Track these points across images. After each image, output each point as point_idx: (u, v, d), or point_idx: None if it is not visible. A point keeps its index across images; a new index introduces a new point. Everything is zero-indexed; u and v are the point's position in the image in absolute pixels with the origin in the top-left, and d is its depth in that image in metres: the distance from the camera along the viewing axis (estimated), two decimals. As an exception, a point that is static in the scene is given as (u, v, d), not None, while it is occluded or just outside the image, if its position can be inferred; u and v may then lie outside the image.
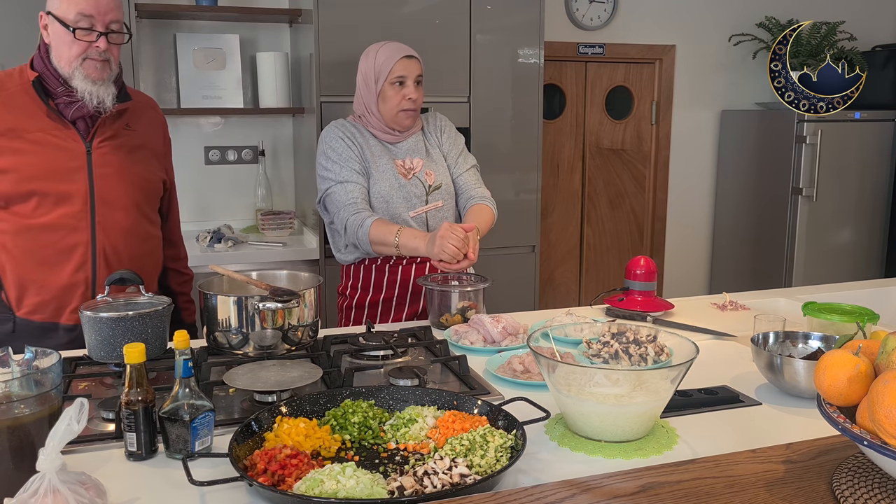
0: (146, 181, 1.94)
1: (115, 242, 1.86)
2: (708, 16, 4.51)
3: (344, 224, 2.07)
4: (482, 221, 2.12)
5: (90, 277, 1.84)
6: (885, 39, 4.82)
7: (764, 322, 1.70)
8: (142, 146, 1.95)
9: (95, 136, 1.84)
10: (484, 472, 1.09)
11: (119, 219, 1.87)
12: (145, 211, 1.95)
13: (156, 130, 2.03)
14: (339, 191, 2.09)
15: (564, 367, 1.26)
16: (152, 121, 2.03)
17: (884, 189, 4.50)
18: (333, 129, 2.19)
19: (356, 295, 2.19)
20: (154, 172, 1.98)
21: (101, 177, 1.83)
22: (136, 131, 1.94)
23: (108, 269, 1.85)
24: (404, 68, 2.11)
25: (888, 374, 0.92)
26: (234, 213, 3.65)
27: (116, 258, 1.87)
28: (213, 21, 3.46)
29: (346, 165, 2.11)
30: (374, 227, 2.01)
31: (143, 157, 1.94)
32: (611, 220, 4.63)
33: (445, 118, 2.33)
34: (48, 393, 1.10)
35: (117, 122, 1.88)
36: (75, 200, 1.81)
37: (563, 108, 4.38)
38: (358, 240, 2.05)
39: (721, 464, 1.10)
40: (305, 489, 1.01)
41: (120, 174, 1.86)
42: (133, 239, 1.90)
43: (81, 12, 1.74)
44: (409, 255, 2.05)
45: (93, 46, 1.76)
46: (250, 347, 1.57)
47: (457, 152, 2.27)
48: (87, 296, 1.85)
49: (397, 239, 1.99)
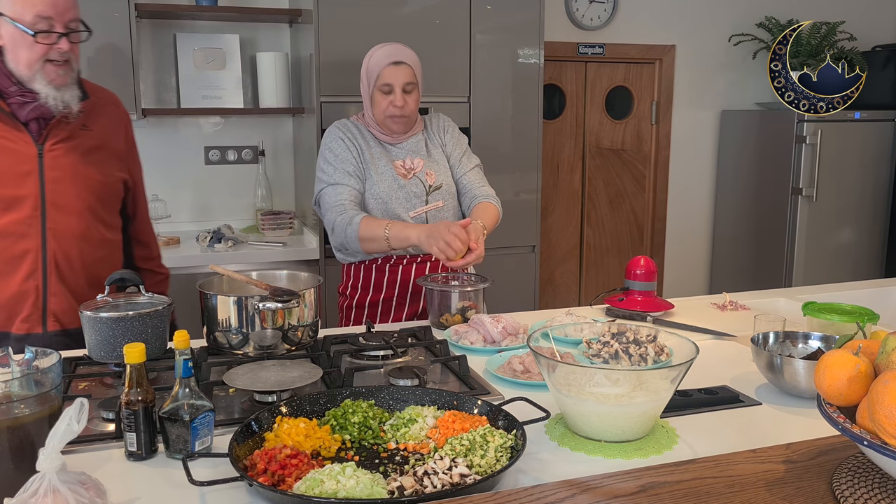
0: (102, 184, 1.87)
1: (68, 249, 1.79)
2: (708, 16, 4.51)
3: (332, 225, 2.07)
4: (487, 219, 2.11)
5: (41, 286, 1.78)
6: (885, 39, 4.82)
7: (764, 322, 1.70)
8: (99, 147, 1.87)
9: (48, 139, 1.77)
10: (484, 472, 1.09)
11: (71, 224, 1.80)
12: (101, 215, 1.88)
13: (116, 129, 1.95)
14: (330, 192, 2.10)
15: (564, 367, 1.26)
16: (113, 119, 1.94)
17: (884, 189, 4.50)
18: (334, 129, 2.18)
19: (356, 295, 2.19)
20: (112, 174, 1.91)
21: (52, 181, 1.77)
22: (93, 131, 1.86)
23: (60, 276, 1.79)
24: (391, 75, 2.07)
25: (888, 374, 0.92)
26: (234, 213, 3.65)
27: (69, 265, 1.80)
28: (213, 21, 3.46)
29: (340, 168, 2.11)
30: (364, 223, 2.01)
31: (100, 158, 1.87)
32: (611, 220, 4.63)
33: (448, 118, 2.32)
34: (48, 393, 1.10)
35: (73, 122, 1.81)
36: (24, 206, 1.74)
37: (563, 108, 4.38)
38: (347, 238, 2.04)
39: (721, 464, 1.10)
40: (305, 489, 1.01)
41: (73, 178, 1.79)
42: (87, 245, 1.83)
43: (39, 14, 1.67)
44: (400, 245, 2.01)
45: (54, 48, 1.70)
46: (250, 347, 1.57)
47: (460, 152, 2.27)
48: (37, 305, 1.79)
49: (387, 231, 1.97)
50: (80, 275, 1.84)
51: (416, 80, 2.11)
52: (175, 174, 3.53)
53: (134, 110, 3.07)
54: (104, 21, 2.99)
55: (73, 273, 1.81)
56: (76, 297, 1.83)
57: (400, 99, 2.08)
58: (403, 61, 2.08)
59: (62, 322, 1.84)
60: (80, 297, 1.83)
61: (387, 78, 2.07)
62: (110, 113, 1.94)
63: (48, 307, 1.82)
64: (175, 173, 3.53)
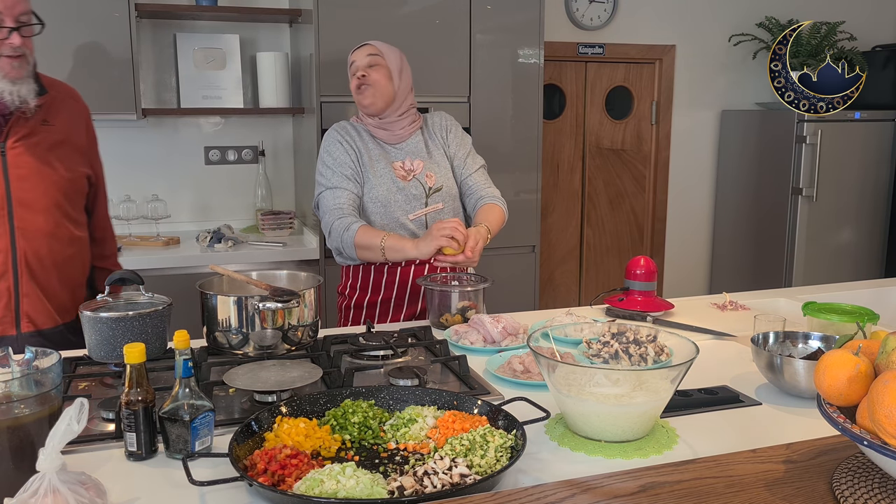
0: (67, 181, 1.84)
1: (38, 248, 1.77)
2: (708, 16, 4.51)
3: (329, 228, 2.08)
4: (492, 221, 2.11)
5: (12, 287, 1.75)
6: (885, 39, 4.82)
7: (764, 322, 1.70)
8: (62, 142, 1.84)
9: (9, 136, 1.74)
10: (484, 472, 1.09)
11: (39, 222, 1.77)
12: (68, 212, 1.84)
13: (77, 123, 1.91)
14: (329, 196, 2.11)
15: (564, 367, 1.26)
16: (73, 113, 1.90)
17: (884, 189, 4.50)
18: (333, 132, 2.19)
19: (356, 295, 2.19)
20: (76, 170, 1.87)
21: (17, 178, 1.74)
22: (55, 126, 1.83)
23: (32, 276, 1.76)
24: (355, 57, 2.14)
25: (888, 374, 0.92)
26: (234, 213, 3.65)
27: (40, 264, 1.77)
28: (213, 21, 3.46)
29: (339, 171, 2.12)
30: (361, 231, 2.02)
31: (64, 153, 1.83)
32: (611, 220, 4.63)
33: (450, 117, 2.31)
34: (48, 393, 1.10)
35: (33, 118, 1.77)
36: None
37: (563, 108, 4.38)
38: (343, 243, 2.04)
39: (721, 464, 1.10)
40: (305, 489, 1.01)
41: (38, 175, 1.76)
42: (56, 243, 1.80)
43: None
44: (396, 257, 2.03)
45: (5, 44, 1.67)
46: (250, 347, 1.57)
47: (464, 153, 2.25)
48: (10, 307, 1.76)
49: (384, 243, 1.99)
50: (51, 274, 1.81)
51: (381, 57, 2.13)
52: (175, 174, 3.53)
53: (134, 110, 3.07)
54: (104, 21, 2.99)
55: (44, 272, 1.78)
56: (48, 296, 1.81)
57: (363, 70, 2.11)
58: (368, 42, 2.16)
59: (35, 323, 1.81)
60: (53, 297, 1.81)
61: (352, 59, 2.15)
62: (70, 107, 1.90)
63: (21, 308, 1.80)
64: (175, 173, 3.53)
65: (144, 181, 3.46)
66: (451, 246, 1.91)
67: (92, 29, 2.99)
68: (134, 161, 3.45)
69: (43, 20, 1.77)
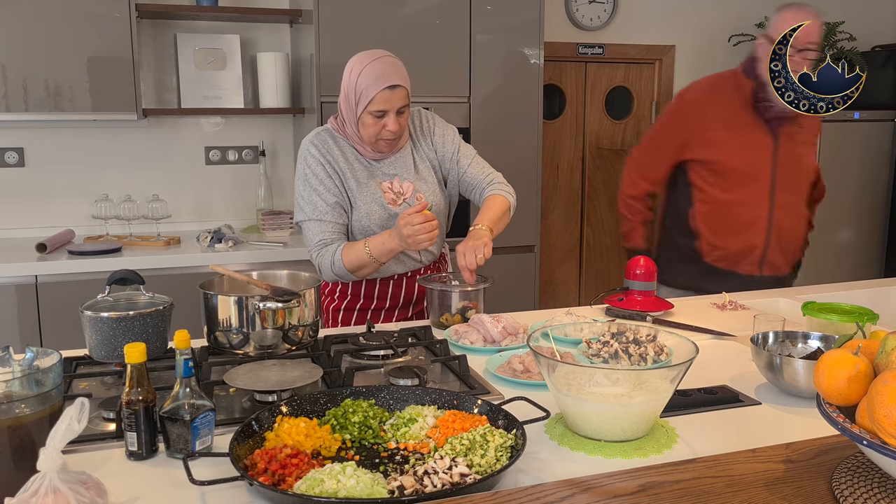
0: None
1: None
2: (708, 16, 4.51)
3: (318, 265, 2.02)
4: (492, 217, 2.01)
5: None
6: (885, 39, 4.82)
7: (764, 322, 1.70)
8: None
9: None
10: (484, 471, 1.09)
11: None
12: None
13: None
14: (313, 228, 2.01)
15: (564, 367, 1.26)
16: None
17: (884, 189, 4.50)
18: (312, 147, 2.02)
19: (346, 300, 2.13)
20: None
21: None
22: None
23: None
24: (386, 101, 1.90)
25: (888, 374, 0.92)
26: (234, 213, 3.65)
27: None
28: (214, 21, 3.46)
29: (322, 199, 1.99)
30: (345, 257, 1.95)
31: None
32: (611, 220, 4.63)
33: (431, 114, 2.18)
34: (49, 392, 1.10)
35: None
36: None
37: (563, 109, 4.38)
38: (337, 275, 1.99)
39: (721, 463, 1.10)
40: (306, 489, 1.02)
41: None
42: None
43: None
44: (388, 258, 1.96)
45: None
46: (251, 347, 1.57)
47: (453, 149, 2.14)
48: None
49: (368, 250, 1.93)
50: None
51: (408, 99, 1.96)
52: (175, 174, 3.53)
53: (134, 110, 3.07)
54: (105, 21, 2.99)
55: None
56: None
57: (394, 123, 1.93)
58: (398, 84, 1.91)
59: None
60: None
61: (381, 104, 1.90)
62: None
63: None
64: (175, 173, 3.53)
65: (145, 181, 3.46)
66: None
67: (92, 29, 2.99)
68: (134, 161, 3.45)
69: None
